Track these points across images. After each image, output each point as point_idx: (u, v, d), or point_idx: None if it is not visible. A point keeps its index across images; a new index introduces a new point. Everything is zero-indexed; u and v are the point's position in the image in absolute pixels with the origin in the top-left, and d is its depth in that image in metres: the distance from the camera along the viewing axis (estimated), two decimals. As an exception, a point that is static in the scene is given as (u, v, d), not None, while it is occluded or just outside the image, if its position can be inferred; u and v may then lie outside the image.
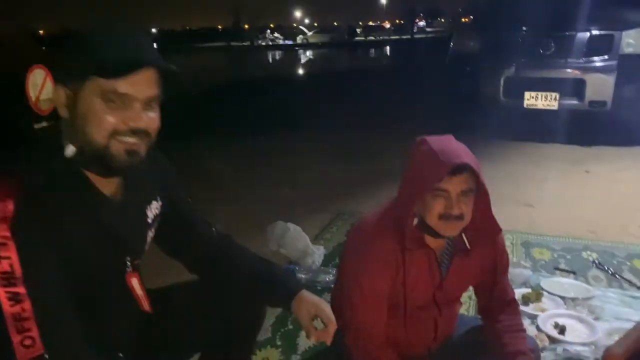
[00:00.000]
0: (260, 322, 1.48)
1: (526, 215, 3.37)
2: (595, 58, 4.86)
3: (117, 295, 1.14)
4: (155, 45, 1.38)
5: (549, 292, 2.39)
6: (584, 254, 2.83)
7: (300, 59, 23.82)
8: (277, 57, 25.17)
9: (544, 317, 2.18)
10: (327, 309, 1.38)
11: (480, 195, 1.51)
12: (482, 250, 1.62)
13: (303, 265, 2.63)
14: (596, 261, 2.73)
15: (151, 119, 1.06)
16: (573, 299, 2.34)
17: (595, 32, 4.88)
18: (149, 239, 1.22)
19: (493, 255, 1.67)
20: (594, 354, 1.95)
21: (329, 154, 5.30)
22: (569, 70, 4.95)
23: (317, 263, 2.65)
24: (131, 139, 1.04)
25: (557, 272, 2.65)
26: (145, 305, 1.19)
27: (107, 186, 1.10)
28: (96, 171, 1.07)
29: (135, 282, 1.16)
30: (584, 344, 2.02)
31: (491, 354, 1.65)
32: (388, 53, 25.12)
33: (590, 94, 4.84)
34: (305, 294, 1.37)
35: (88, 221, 1.05)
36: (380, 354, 1.57)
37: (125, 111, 1.02)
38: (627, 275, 2.59)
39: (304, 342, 2.12)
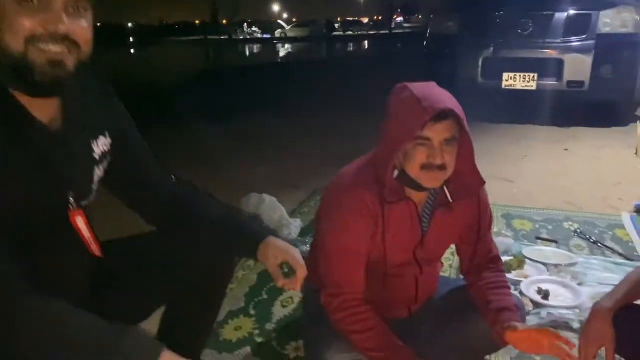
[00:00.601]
0: (227, 274, 1.37)
1: (506, 191, 3.32)
2: (573, 38, 4.85)
3: (61, 235, 1.02)
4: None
5: (531, 260, 2.33)
6: (565, 225, 2.79)
7: (279, 52, 23.64)
8: (255, 50, 24.94)
9: (527, 282, 2.13)
10: (295, 253, 1.29)
11: (463, 146, 1.43)
12: (465, 204, 1.54)
13: (279, 236, 2.52)
14: (578, 231, 2.69)
15: (79, 27, 0.93)
16: (556, 266, 2.29)
17: (572, 11, 4.86)
18: (96, 177, 1.10)
19: (476, 209, 1.59)
20: (578, 317, 1.90)
21: (308, 134, 5.22)
22: (547, 50, 4.92)
23: (293, 234, 2.55)
24: (54, 47, 0.90)
25: (539, 241, 2.60)
26: (94, 248, 1.07)
27: (43, 110, 0.97)
28: (22, 89, 0.94)
29: (80, 222, 1.04)
30: (568, 308, 1.97)
31: (475, 312, 1.58)
32: (366, 47, 25.06)
33: (568, 74, 4.83)
34: (273, 240, 1.28)
35: (20, 149, 0.93)
36: (359, 313, 1.47)
37: (43, 13, 0.89)
38: (609, 243, 2.55)
39: (279, 311, 2.03)
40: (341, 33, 42.53)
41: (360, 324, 1.45)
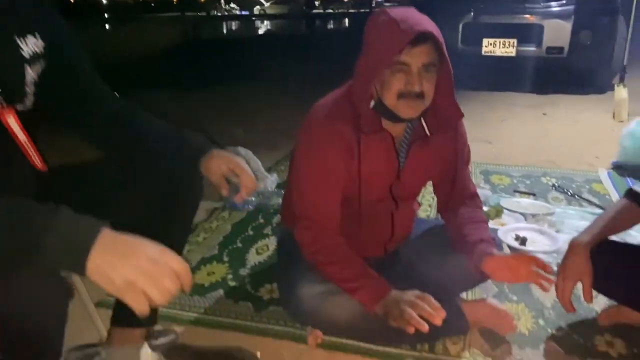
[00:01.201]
0: (189, 201, 1.29)
1: (485, 151, 3.30)
2: (553, 3, 4.83)
3: None
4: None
5: (509, 210, 2.31)
6: (543, 179, 2.78)
7: (257, 29, 23.28)
8: (233, 27, 24.50)
9: (505, 230, 2.10)
10: (240, 161, 1.23)
11: (442, 76, 1.38)
12: (443, 138, 1.50)
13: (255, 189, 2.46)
14: (556, 184, 2.68)
15: None
16: (533, 215, 2.27)
17: (553, -24, 4.84)
18: (29, 78, 1.00)
19: (454, 143, 1.54)
20: (556, 261, 1.89)
21: (285, 101, 5.12)
22: (527, 15, 4.89)
23: (269, 188, 2.48)
24: None
25: (517, 194, 2.59)
26: (36, 160, 1.00)
27: None
28: None
29: (12, 123, 0.95)
30: (545, 253, 1.95)
31: (451, 249, 1.55)
32: (347, 25, 24.80)
33: (547, 39, 4.81)
34: (216, 151, 1.21)
35: None
36: (333, 245, 1.42)
37: None
38: (586, 196, 2.55)
39: (253, 258, 1.97)
40: (321, 11, 42.02)
41: (334, 255, 1.41)
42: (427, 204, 2.43)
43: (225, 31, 22.29)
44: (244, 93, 5.71)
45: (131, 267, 0.73)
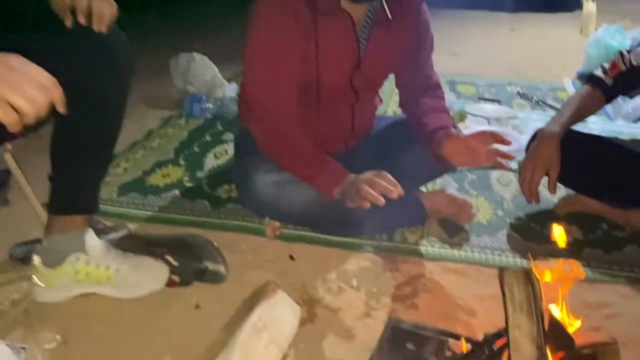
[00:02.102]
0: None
1: (452, 62, 3.24)
2: None
3: None
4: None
5: (473, 115, 2.29)
6: (509, 88, 2.75)
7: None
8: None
9: (468, 131, 2.07)
10: None
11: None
12: (405, 23, 1.42)
13: (212, 97, 2.36)
14: (520, 92, 2.65)
15: None
16: (497, 119, 2.26)
17: None
18: None
19: (416, 29, 1.47)
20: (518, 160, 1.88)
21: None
22: None
23: (227, 94, 2.39)
24: None
25: (482, 101, 2.55)
26: None
27: None
28: None
29: None
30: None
31: (412, 141, 1.51)
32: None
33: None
34: None
35: None
36: (289, 133, 1.36)
37: None
38: (551, 102, 2.53)
39: (211, 162, 1.91)
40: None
41: (290, 144, 1.35)
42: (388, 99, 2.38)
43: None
44: (208, 8, 5.43)
45: None
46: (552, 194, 1.44)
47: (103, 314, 1.20)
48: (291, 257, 1.39)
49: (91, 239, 1.15)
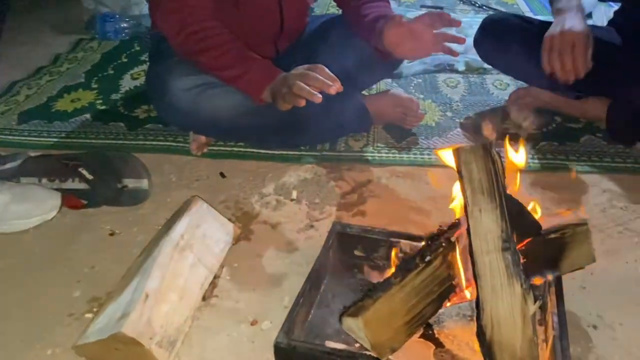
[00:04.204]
0: None
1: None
2: None
3: None
4: None
5: (415, 21, 2.13)
6: (451, -3, 2.60)
7: None
8: None
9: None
10: None
11: None
12: None
13: (128, 15, 2.09)
14: (463, -1, 2.51)
15: None
16: (441, 24, 2.11)
17: None
18: None
19: None
20: (464, 59, 1.77)
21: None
22: None
23: (145, 12, 2.12)
24: None
25: (423, 8, 2.40)
26: None
27: None
28: None
29: None
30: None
31: (351, 40, 1.34)
32: None
33: None
34: None
35: None
36: (206, 28, 1.16)
37: None
38: (495, 6, 2.40)
39: (129, 83, 1.69)
40: None
41: (208, 40, 1.15)
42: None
43: None
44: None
45: None
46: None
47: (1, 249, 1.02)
48: (222, 175, 1.23)
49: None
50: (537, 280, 0.79)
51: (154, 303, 0.78)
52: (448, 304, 0.77)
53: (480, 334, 0.69)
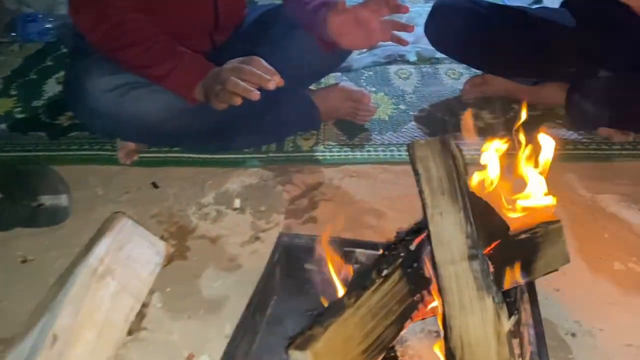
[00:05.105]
0: None
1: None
2: None
3: None
4: None
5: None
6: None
7: None
8: None
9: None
10: None
11: None
12: None
13: (54, 15, 1.93)
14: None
15: None
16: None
17: None
18: None
19: None
20: (414, 49, 1.69)
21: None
22: None
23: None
24: None
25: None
26: None
27: None
28: None
29: None
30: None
31: (294, 32, 1.23)
32: None
33: None
34: None
35: None
36: (129, 20, 1.02)
37: None
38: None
39: (53, 88, 1.53)
40: None
41: (129, 34, 1.02)
42: None
43: None
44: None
45: None
46: None
47: None
48: (154, 185, 1.10)
49: None
50: (508, 284, 0.70)
51: (64, 346, 0.65)
52: (411, 323, 0.68)
53: (449, 356, 0.60)
